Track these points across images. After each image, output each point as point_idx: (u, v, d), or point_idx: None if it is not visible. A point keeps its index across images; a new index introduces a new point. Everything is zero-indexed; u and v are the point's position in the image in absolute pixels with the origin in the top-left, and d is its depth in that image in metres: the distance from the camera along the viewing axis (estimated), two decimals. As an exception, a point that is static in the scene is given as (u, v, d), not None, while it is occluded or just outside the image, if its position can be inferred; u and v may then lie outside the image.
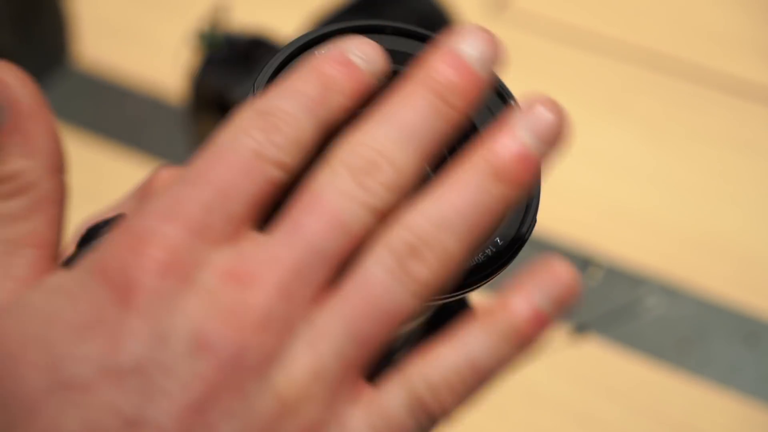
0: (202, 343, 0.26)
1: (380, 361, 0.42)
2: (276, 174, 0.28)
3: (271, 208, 0.29)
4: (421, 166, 0.29)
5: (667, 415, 0.76)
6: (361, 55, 0.30)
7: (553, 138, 0.29)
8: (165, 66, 0.97)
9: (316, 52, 0.36)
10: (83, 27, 1.01)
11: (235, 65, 0.81)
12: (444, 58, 0.29)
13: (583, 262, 0.84)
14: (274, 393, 0.26)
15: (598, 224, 0.87)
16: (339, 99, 0.30)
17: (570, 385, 0.77)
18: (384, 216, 0.28)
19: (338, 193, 0.28)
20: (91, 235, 0.39)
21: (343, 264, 0.28)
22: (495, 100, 0.37)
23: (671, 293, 0.82)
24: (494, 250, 0.34)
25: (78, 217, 0.39)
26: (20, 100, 0.30)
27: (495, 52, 0.30)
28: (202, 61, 0.82)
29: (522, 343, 0.29)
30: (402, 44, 0.37)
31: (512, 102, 0.37)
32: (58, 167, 0.31)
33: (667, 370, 0.77)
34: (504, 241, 0.34)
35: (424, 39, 0.37)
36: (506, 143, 0.29)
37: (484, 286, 0.34)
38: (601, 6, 1.08)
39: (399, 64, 0.37)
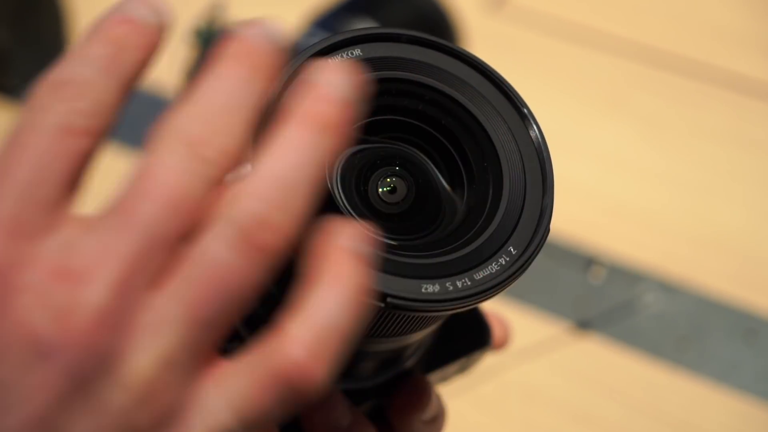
0: (38, 350, 0.25)
1: (389, 363, 0.41)
2: (86, 143, 0.27)
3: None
4: (247, 133, 0.28)
5: (666, 412, 0.75)
6: (142, 10, 0.30)
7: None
8: (162, 63, 0.96)
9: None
10: (81, 24, 1.01)
11: (232, 62, 0.80)
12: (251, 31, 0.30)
13: (586, 261, 0.83)
14: (123, 387, 0.25)
15: (597, 221, 0.87)
16: (134, 54, 0.29)
17: (568, 382, 0.76)
18: (218, 185, 0.27)
19: (173, 170, 0.26)
20: None
21: (181, 241, 0.26)
22: (504, 104, 0.37)
23: (670, 290, 0.82)
24: (507, 259, 0.34)
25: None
26: None
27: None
28: (199, 58, 0.82)
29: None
30: (417, 53, 0.36)
31: (525, 110, 0.36)
32: None
33: (665, 367, 0.77)
34: (518, 250, 0.34)
35: (439, 48, 0.36)
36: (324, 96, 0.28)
37: (498, 294, 0.34)
38: (601, 2, 1.08)
39: (413, 73, 0.36)
